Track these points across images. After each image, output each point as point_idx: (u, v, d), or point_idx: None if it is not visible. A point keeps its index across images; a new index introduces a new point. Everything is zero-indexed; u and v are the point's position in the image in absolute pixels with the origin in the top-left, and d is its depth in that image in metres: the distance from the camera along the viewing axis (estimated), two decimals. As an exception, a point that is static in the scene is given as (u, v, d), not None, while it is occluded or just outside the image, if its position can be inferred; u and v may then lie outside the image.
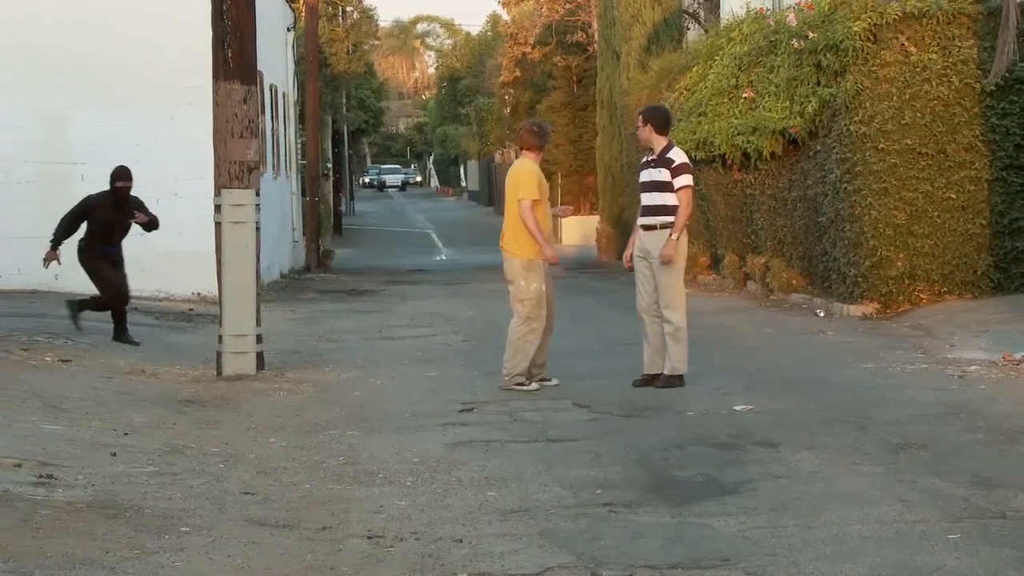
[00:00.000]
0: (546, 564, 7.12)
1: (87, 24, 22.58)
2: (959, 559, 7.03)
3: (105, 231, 16.33)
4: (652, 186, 12.96)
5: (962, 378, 13.05)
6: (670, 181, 12.86)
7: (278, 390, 13.37)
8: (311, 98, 35.87)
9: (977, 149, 18.54)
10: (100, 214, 16.29)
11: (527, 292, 13.01)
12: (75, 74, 22.52)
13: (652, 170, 12.99)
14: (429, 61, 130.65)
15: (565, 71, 49.74)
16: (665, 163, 12.93)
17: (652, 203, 12.95)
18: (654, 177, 12.95)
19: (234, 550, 7.43)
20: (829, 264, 19.62)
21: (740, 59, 22.73)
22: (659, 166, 12.94)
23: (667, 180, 12.87)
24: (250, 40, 14.49)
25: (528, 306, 13.03)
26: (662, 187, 12.89)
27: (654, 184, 12.94)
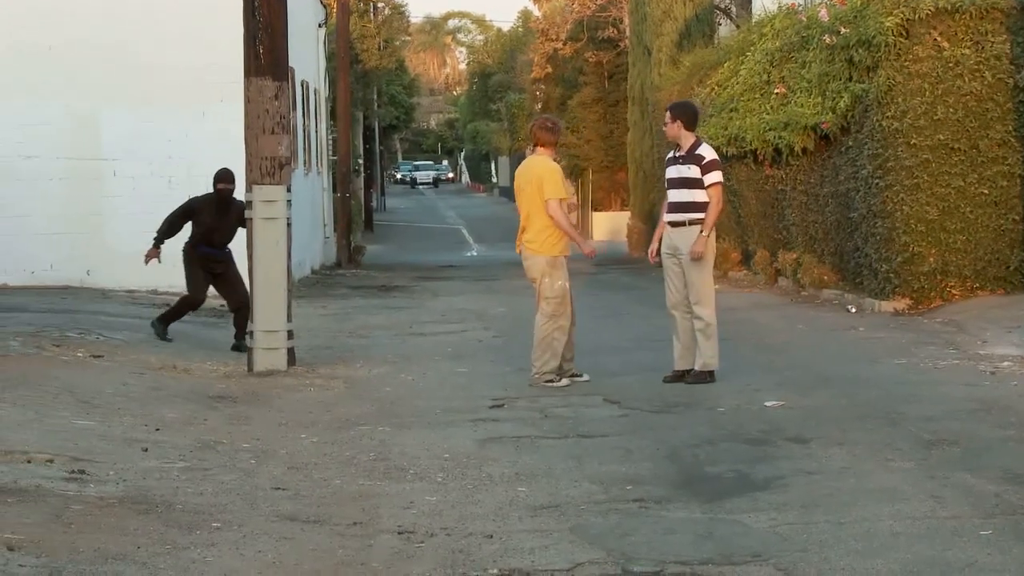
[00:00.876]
0: (576, 560, 7.12)
1: (119, 21, 22.63)
2: (991, 555, 7.01)
3: (207, 233, 16.16)
4: (681, 183, 12.86)
5: (994, 374, 13.00)
6: (700, 178, 12.76)
7: (309, 386, 13.39)
8: (342, 94, 35.91)
9: (1010, 144, 18.44)
10: (202, 216, 16.14)
11: (552, 290, 13.02)
12: (106, 71, 22.58)
13: (681, 166, 12.89)
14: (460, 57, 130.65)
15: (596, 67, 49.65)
16: (695, 159, 12.82)
17: (681, 199, 12.86)
18: (683, 174, 12.85)
19: (265, 546, 7.44)
20: (861, 260, 19.56)
21: (772, 55, 22.67)
22: (688, 162, 12.83)
23: (697, 176, 12.77)
24: (281, 36, 14.51)
25: (553, 304, 13.03)
26: (691, 183, 12.79)
27: (683, 180, 12.85)
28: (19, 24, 22.62)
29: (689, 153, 12.85)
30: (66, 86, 22.57)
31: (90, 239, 22.57)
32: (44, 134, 22.59)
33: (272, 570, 7.02)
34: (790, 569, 6.87)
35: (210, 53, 21.93)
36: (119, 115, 22.66)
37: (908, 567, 6.85)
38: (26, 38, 22.57)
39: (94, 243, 22.58)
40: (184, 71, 22.54)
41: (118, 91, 22.62)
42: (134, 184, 22.65)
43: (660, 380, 12.96)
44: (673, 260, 12.91)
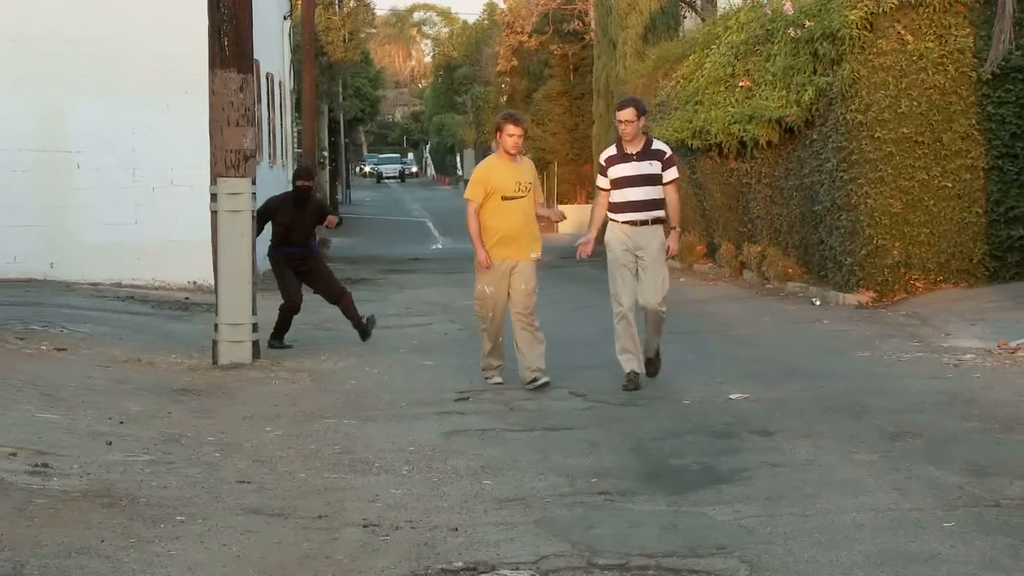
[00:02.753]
0: (541, 553, 7.12)
1: (84, 13, 22.53)
2: (954, 547, 7.04)
3: (286, 231, 15.90)
4: (641, 180, 12.36)
5: (957, 367, 13.06)
6: (660, 174, 12.41)
7: (274, 379, 13.37)
8: (307, 87, 35.85)
9: (973, 138, 18.54)
10: (280, 214, 15.87)
11: (475, 291, 12.71)
12: (72, 63, 22.48)
13: (638, 163, 12.37)
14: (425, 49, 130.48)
15: (562, 60, 49.72)
16: (655, 155, 12.42)
17: (642, 197, 12.36)
18: (642, 170, 12.37)
19: (230, 539, 7.43)
20: (825, 253, 19.62)
21: (737, 48, 22.72)
22: (647, 158, 12.38)
23: (658, 172, 12.39)
24: (246, 29, 14.47)
25: (477, 306, 12.73)
26: (653, 180, 12.37)
27: (644, 178, 12.37)
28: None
29: (646, 149, 12.44)
30: (31, 78, 22.45)
31: (54, 231, 22.47)
32: (9, 126, 22.47)
33: (237, 563, 7.00)
34: (754, 561, 6.89)
35: (175, 45, 21.85)
36: (84, 107, 22.57)
37: (872, 559, 6.87)
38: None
39: (58, 235, 22.48)
40: (149, 63, 22.46)
41: (83, 83, 22.52)
42: (98, 176, 22.58)
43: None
44: (630, 259, 12.35)
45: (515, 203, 12.43)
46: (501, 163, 12.56)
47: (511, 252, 12.43)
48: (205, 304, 19.35)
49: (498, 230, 12.41)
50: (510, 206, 12.42)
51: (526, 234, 12.53)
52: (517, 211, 12.44)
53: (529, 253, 12.48)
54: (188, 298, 21.19)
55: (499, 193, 12.39)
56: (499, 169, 12.53)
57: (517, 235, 12.46)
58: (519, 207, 12.45)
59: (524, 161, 12.80)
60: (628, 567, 6.87)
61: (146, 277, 22.46)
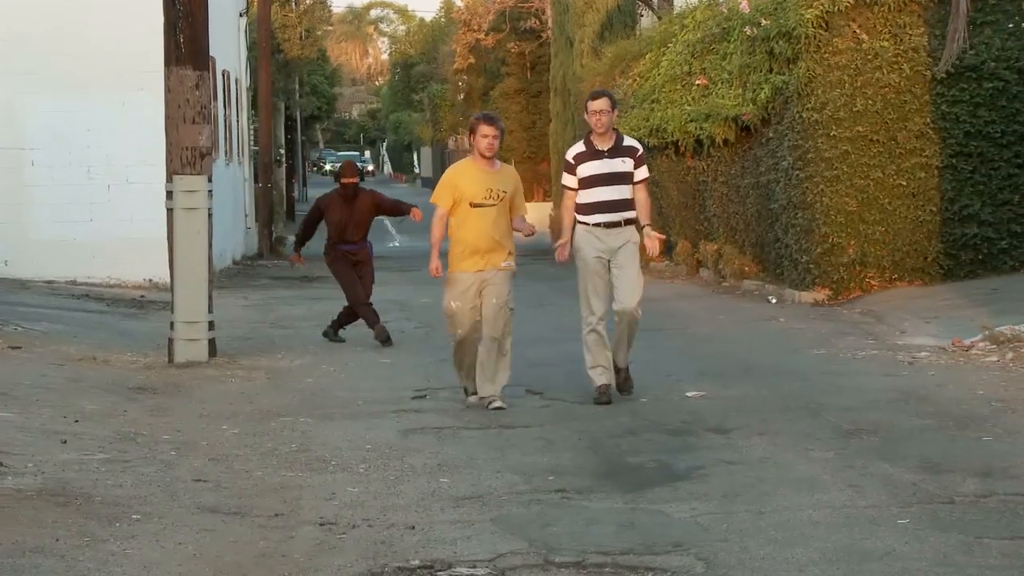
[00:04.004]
0: (498, 550, 7.13)
1: (38, 9, 22.39)
2: (908, 544, 7.08)
3: (339, 229, 15.84)
4: (613, 179, 11.53)
5: (912, 364, 13.13)
6: (632, 172, 11.61)
7: (230, 377, 13.33)
8: (264, 84, 35.72)
9: (927, 136, 18.64)
10: (332, 213, 15.81)
11: (443, 306, 11.67)
12: (25, 59, 22.32)
13: (609, 160, 11.55)
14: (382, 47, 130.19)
15: (519, 58, 49.67)
16: (627, 152, 11.61)
17: (614, 197, 11.52)
18: (615, 168, 11.54)
19: (185, 537, 7.40)
20: (781, 251, 19.69)
21: (693, 46, 22.76)
22: (619, 155, 11.58)
23: (630, 171, 11.57)
24: (202, 25, 14.42)
25: (447, 323, 11.75)
26: (624, 179, 11.56)
27: (616, 176, 11.54)
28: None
29: (618, 145, 11.62)
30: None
31: (8, 229, 22.30)
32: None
33: (193, 562, 6.98)
34: (710, 559, 6.91)
35: (131, 42, 21.73)
36: (38, 104, 22.42)
37: (827, 556, 6.90)
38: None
39: (12, 233, 22.32)
40: (104, 60, 22.34)
41: (37, 80, 22.37)
42: (52, 173, 22.45)
43: (583, 371, 12.91)
44: (603, 265, 11.53)
45: (484, 211, 11.30)
46: (473, 167, 11.48)
47: (479, 264, 11.35)
48: (161, 302, 19.25)
49: (466, 240, 11.35)
50: (479, 214, 11.29)
51: (497, 245, 11.40)
52: (485, 220, 11.31)
53: (500, 263, 11.40)
54: (144, 296, 21.10)
55: (467, 199, 11.30)
56: (469, 173, 11.45)
57: (486, 247, 11.34)
58: (488, 216, 11.31)
59: (503, 167, 11.72)
60: (585, 565, 6.88)
61: (101, 275, 22.33)
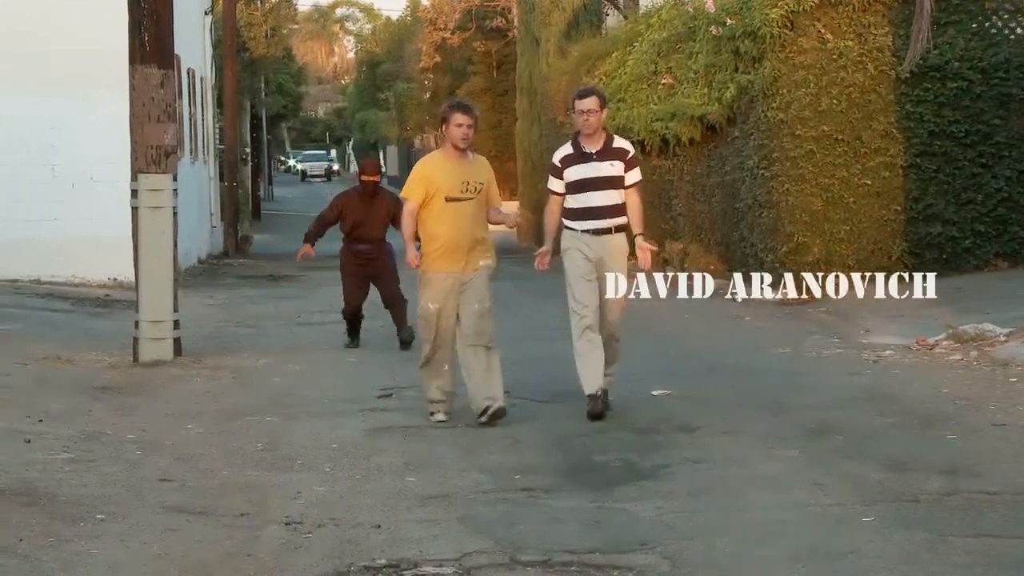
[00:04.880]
0: (465, 549, 7.13)
1: (2, 6, 22.27)
2: (873, 542, 7.10)
3: (355, 228, 15.33)
4: (604, 183, 10.82)
5: (877, 363, 13.17)
6: (623, 176, 10.89)
7: (196, 376, 13.29)
8: (229, 82, 35.63)
9: (892, 136, 18.72)
10: (349, 211, 15.31)
11: (418, 308, 10.93)
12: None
13: (599, 163, 10.83)
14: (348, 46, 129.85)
15: (485, 57, 49.70)
16: (617, 154, 10.89)
17: (605, 203, 10.82)
18: (604, 172, 10.82)
19: (150, 537, 7.38)
20: (747, 250, 19.74)
21: (659, 45, 22.79)
22: (609, 158, 10.86)
23: (620, 174, 10.85)
24: (167, 24, 14.37)
25: (420, 326, 11.03)
26: (615, 183, 10.84)
27: (606, 180, 10.83)
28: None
29: (607, 147, 10.89)
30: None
31: (-30, 228, 22.19)
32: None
33: (158, 562, 6.96)
34: (676, 557, 6.92)
35: (95, 40, 21.59)
36: (1, 102, 22.29)
37: (792, 554, 6.92)
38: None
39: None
40: (69, 58, 22.22)
41: (1, 77, 22.24)
42: (16, 172, 22.32)
43: (550, 369, 12.90)
44: (592, 270, 10.88)
45: (461, 206, 10.63)
46: (447, 159, 10.79)
47: (458, 264, 10.69)
48: (126, 301, 19.18)
49: (441, 237, 10.66)
50: (456, 209, 10.62)
51: (475, 242, 10.78)
52: (463, 215, 10.66)
53: (479, 262, 10.78)
54: (109, 295, 21.02)
55: (442, 193, 10.61)
56: (444, 165, 10.77)
57: (464, 243, 10.69)
58: (466, 210, 10.66)
59: (476, 159, 10.98)
60: (551, 563, 6.88)
61: (66, 274, 22.23)
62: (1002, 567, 6.66)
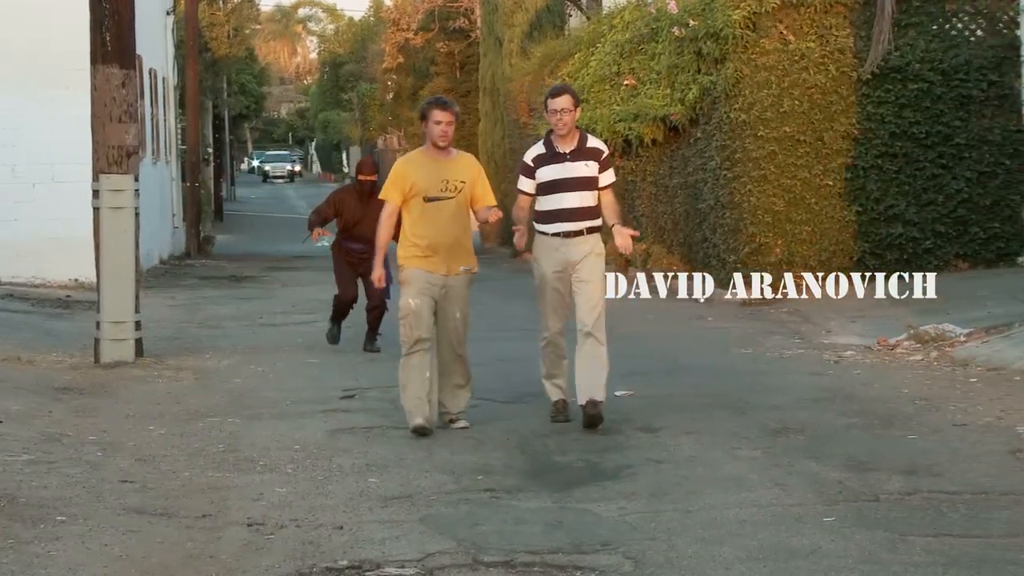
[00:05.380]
0: (427, 550, 7.13)
1: (-39, 6, 22.16)
2: (834, 541, 7.13)
3: (350, 226, 15.13)
4: (577, 184, 10.46)
5: (838, 363, 13.22)
6: (597, 177, 10.55)
7: (157, 377, 13.24)
8: (191, 83, 35.54)
9: (853, 137, 18.81)
10: (345, 208, 15.17)
11: (399, 307, 10.46)
12: (-51, 56, 22.09)
13: (572, 163, 10.49)
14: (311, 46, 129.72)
15: (448, 57, 49.70)
16: (592, 154, 10.56)
17: (576, 205, 10.45)
18: (578, 172, 10.48)
19: (111, 539, 7.36)
20: (709, 250, 19.79)
21: (622, 46, 22.82)
22: (583, 158, 10.52)
23: (594, 175, 10.51)
24: (129, 24, 14.32)
25: (401, 326, 10.42)
26: (588, 184, 10.49)
27: (581, 181, 10.48)
28: None
29: (582, 147, 10.56)
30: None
31: (-72, 228, 22.06)
32: None
33: (119, 564, 6.94)
34: (639, 557, 6.94)
35: (56, 40, 21.52)
36: (-39, 100, 22.18)
37: (754, 554, 6.95)
38: None
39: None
40: (30, 58, 22.11)
41: (-39, 76, 22.14)
42: (-26, 170, 22.21)
43: (513, 370, 12.92)
44: (563, 281, 10.51)
45: (441, 205, 10.27)
46: (425, 157, 10.46)
47: (439, 266, 10.34)
48: (87, 302, 19.10)
49: (423, 238, 10.30)
50: (436, 209, 10.27)
51: (458, 243, 10.45)
52: (444, 215, 10.30)
53: (460, 267, 10.46)
54: (70, 296, 20.93)
55: (421, 193, 10.27)
56: (422, 164, 10.43)
57: (447, 244, 10.33)
58: (447, 210, 10.29)
59: (459, 155, 10.64)
60: (513, 564, 6.89)
61: (26, 274, 22.12)
62: (962, 566, 6.70)
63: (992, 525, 7.42)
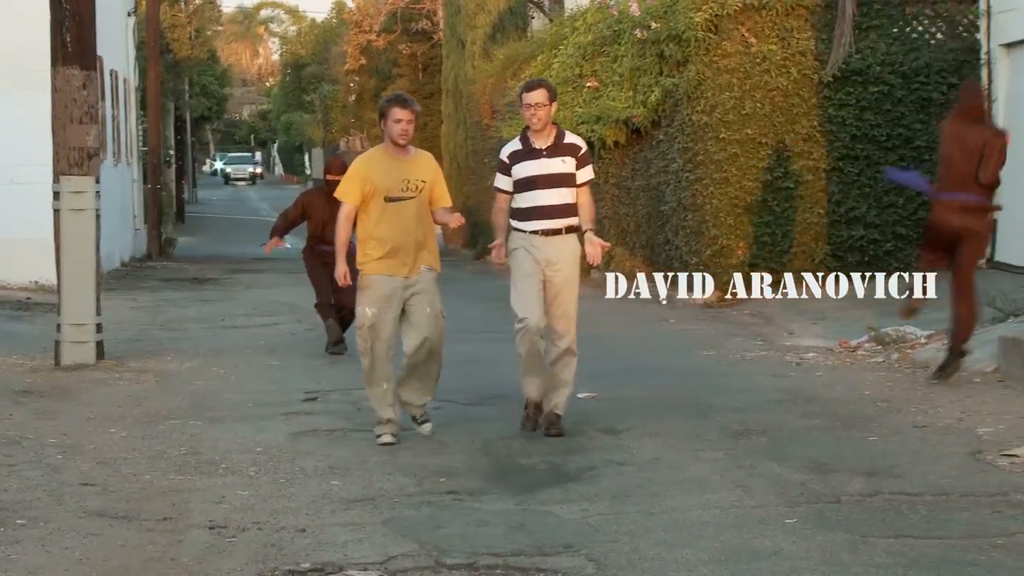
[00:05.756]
0: (389, 553, 7.12)
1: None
2: (796, 543, 7.15)
3: (319, 228, 14.88)
4: (554, 180, 10.18)
5: (800, 365, 13.27)
6: (575, 173, 10.28)
7: (119, 380, 13.19)
8: (152, 84, 35.42)
9: (815, 139, 18.88)
10: (313, 210, 14.93)
11: (356, 315, 10.26)
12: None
13: (548, 159, 10.22)
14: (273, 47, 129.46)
15: (410, 59, 49.67)
16: (569, 150, 10.27)
17: (554, 202, 10.15)
18: (555, 169, 10.20)
19: (72, 542, 7.33)
20: (671, 252, 19.83)
21: (584, 48, 22.86)
22: (560, 154, 10.24)
23: (572, 172, 10.24)
24: (90, 25, 14.26)
25: (358, 336, 10.17)
26: (566, 181, 10.20)
27: (558, 178, 10.19)
28: None
29: (559, 143, 10.29)
30: None
31: None
32: None
33: (80, 567, 6.91)
34: (601, 560, 6.94)
35: (16, 40, 21.40)
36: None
37: (716, 556, 6.96)
38: None
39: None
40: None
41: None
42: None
43: (476, 372, 12.92)
44: (539, 271, 10.19)
45: (402, 205, 9.97)
46: (385, 156, 10.15)
47: (402, 268, 10.01)
48: (47, 304, 19.01)
49: (385, 239, 9.99)
50: (397, 209, 9.97)
51: (420, 245, 10.12)
52: (406, 215, 9.99)
53: (422, 267, 10.09)
54: (30, 298, 20.81)
55: (381, 193, 9.98)
56: (381, 163, 10.13)
57: (409, 245, 10.02)
58: (409, 210, 10.00)
59: (419, 154, 10.32)
60: (476, 566, 6.89)
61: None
62: (922, 568, 6.73)
63: (952, 526, 7.45)
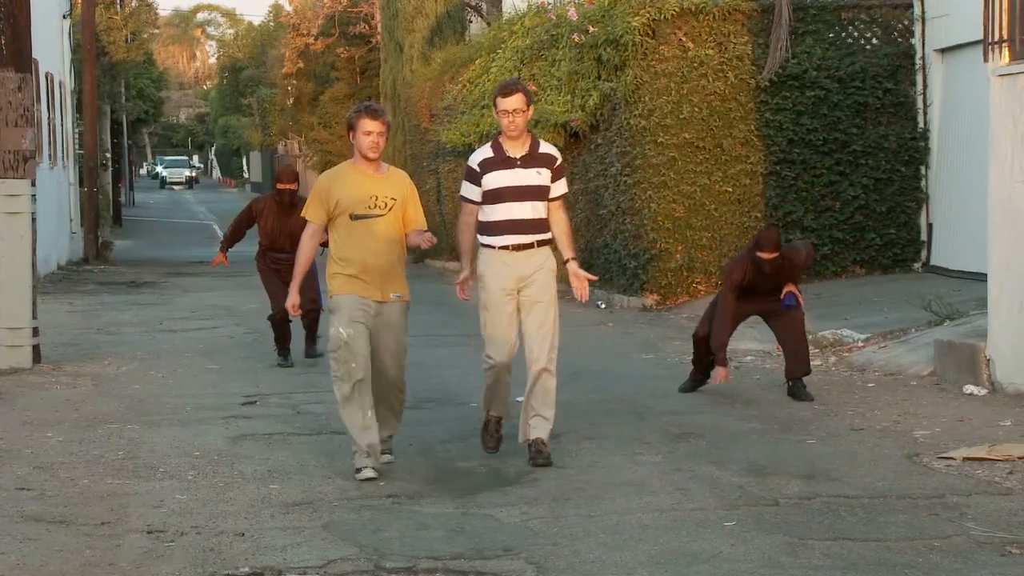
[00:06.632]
0: (329, 557, 7.11)
1: None
2: (734, 545, 7.19)
3: (271, 237, 14.53)
4: (530, 192, 9.42)
5: (738, 368, 13.33)
6: (549, 186, 9.51)
7: (55, 384, 13.11)
8: (88, 87, 35.19)
9: (752, 143, 18.98)
10: (264, 219, 14.50)
11: (329, 338, 9.26)
12: None
13: (523, 170, 9.43)
14: (210, 51, 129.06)
15: (348, 62, 49.56)
16: (545, 160, 9.47)
17: (528, 216, 9.42)
18: (529, 180, 9.42)
19: (8, 547, 7.28)
20: (610, 256, 19.88)
21: (522, 53, 22.88)
22: (536, 165, 9.44)
23: (547, 184, 9.46)
24: (25, 27, 14.18)
25: (332, 362, 9.17)
26: (540, 193, 9.45)
27: (533, 190, 9.43)
28: None
29: (533, 153, 9.48)
30: None
31: None
32: None
33: (16, 572, 6.86)
34: (541, 562, 6.96)
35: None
36: None
37: (655, 558, 6.99)
38: None
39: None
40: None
41: None
42: None
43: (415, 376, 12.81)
44: (511, 302, 9.49)
45: (370, 224, 9.14)
46: (353, 171, 9.29)
47: (370, 290, 9.16)
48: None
49: (349, 261, 9.16)
50: (365, 227, 9.14)
51: (391, 268, 9.27)
52: (375, 234, 9.16)
53: (391, 294, 9.24)
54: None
55: (346, 210, 9.15)
56: (349, 179, 9.26)
57: (379, 267, 9.18)
58: (378, 229, 9.16)
59: (392, 171, 9.45)
60: (416, 570, 6.89)
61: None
62: (860, 570, 6.78)
63: (889, 529, 7.52)
